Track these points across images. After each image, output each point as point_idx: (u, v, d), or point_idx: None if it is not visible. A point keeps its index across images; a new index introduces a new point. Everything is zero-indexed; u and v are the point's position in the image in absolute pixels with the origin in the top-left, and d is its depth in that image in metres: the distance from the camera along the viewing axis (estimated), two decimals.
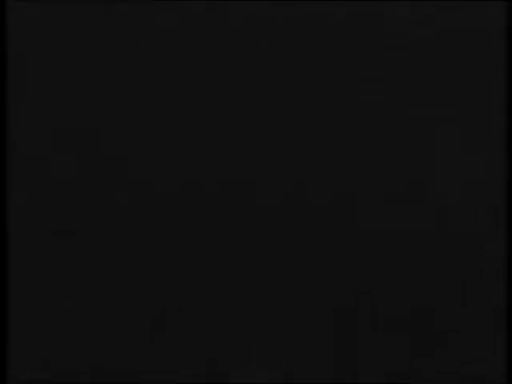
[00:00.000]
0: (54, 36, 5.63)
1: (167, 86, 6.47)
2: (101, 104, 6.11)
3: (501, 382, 4.42)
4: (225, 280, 6.53)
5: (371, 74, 6.64)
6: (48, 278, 5.58)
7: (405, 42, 6.27)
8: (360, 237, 6.23)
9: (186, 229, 6.67)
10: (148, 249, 6.23)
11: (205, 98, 6.34)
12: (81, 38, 5.83)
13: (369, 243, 6.25)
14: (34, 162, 5.68)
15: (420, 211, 7.25)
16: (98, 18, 5.76)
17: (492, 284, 5.48)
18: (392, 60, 6.75)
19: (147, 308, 5.92)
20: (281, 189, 6.02)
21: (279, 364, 5.42)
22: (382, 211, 7.18)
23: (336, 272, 5.94)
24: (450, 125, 6.77)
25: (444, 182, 6.76)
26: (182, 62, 6.44)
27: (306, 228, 6.03)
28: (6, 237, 4.67)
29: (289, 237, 6.11)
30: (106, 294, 5.81)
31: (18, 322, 4.79)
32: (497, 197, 5.53)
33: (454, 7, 5.53)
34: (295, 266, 6.02)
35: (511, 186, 5.04)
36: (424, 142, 6.84)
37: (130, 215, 6.22)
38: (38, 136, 5.69)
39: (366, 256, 6.13)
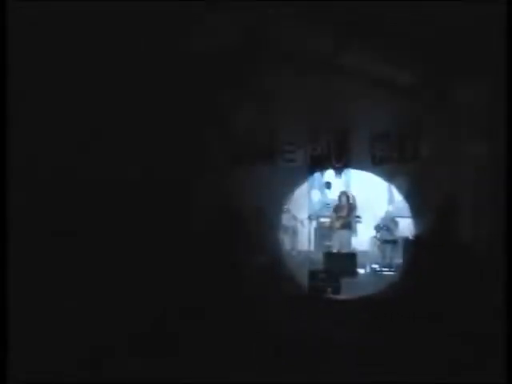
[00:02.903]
0: (54, 36, 5.63)
1: (166, 87, 6.47)
2: (101, 104, 6.11)
3: (501, 382, 4.42)
4: (225, 281, 6.53)
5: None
6: (48, 278, 5.58)
7: (405, 42, 6.27)
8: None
9: (185, 229, 6.67)
10: (148, 249, 6.23)
11: None
12: (81, 38, 5.83)
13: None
14: (33, 162, 5.68)
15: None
16: (98, 17, 5.76)
17: (492, 284, 5.48)
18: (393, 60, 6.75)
19: (147, 308, 5.92)
20: None
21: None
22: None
23: None
24: (450, 125, 6.77)
25: (444, 182, 6.77)
26: (185, 63, 6.44)
27: None
28: (6, 237, 4.67)
29: None
30: (105, 294, 5.81)
31: (17, 322, 4.79)
32: (497, 195, 5.53)
33: (454, 7, 5.53)
34: None
35: (511, 185, 5.04)
36: (424, 142, 6.85)
37: (129, 215, 6.22)
38: (37, 136, 5.69)
39: None
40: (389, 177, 8.50)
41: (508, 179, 4.98)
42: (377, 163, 7.28)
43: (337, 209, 10.41)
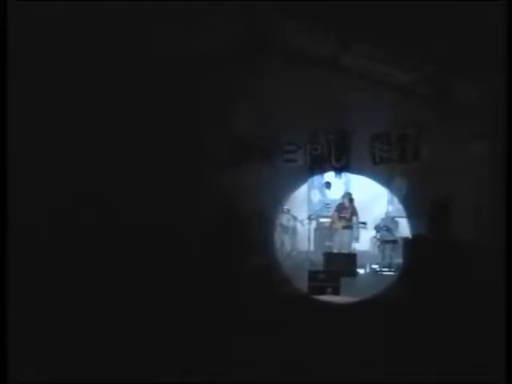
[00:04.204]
0: (54, 36, 5.64)
1: (166, 87, 6.47)
2: (101, 103, 6.11)
3: (500, 382, 4.42)
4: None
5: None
6: (48, 279, 5.58)
7: (405, 42, 6.27)
8: None
9: (185, 229, 6.67)
10: (147, 249, 6.23)
11: None
12: (81, 39, 5.84)
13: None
14: (33, 162, 5.68)
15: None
16: (98, 18, 5.77)
17: (492, 284, 5.47)
18: (393, 60, 6.75)
19: (146, 308, 5.92)
20: None
21: None
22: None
23: None
24: (450, 125, 6.77)
25: (444, 182, 6.77)
26: (185, 63, 6.44)
27: None
28: (5, 237, 4.67)
29: None
30: (105, 294, 5.81)
31: (17, 322, 4.79)
32: (497, 195, 5.53)
33: (454, 7, 5.54)
34: None
35: (511, 185, 5.04)
36: (424, 142, 6.85)
37: (129, 215, 6.22)
38: (37, 136, 5.69)
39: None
40: (389, 177, 8.49)
41: (508, 179, 4.97)
42: (377, 163, 7.28)
43: (339, 209, 10.41)
